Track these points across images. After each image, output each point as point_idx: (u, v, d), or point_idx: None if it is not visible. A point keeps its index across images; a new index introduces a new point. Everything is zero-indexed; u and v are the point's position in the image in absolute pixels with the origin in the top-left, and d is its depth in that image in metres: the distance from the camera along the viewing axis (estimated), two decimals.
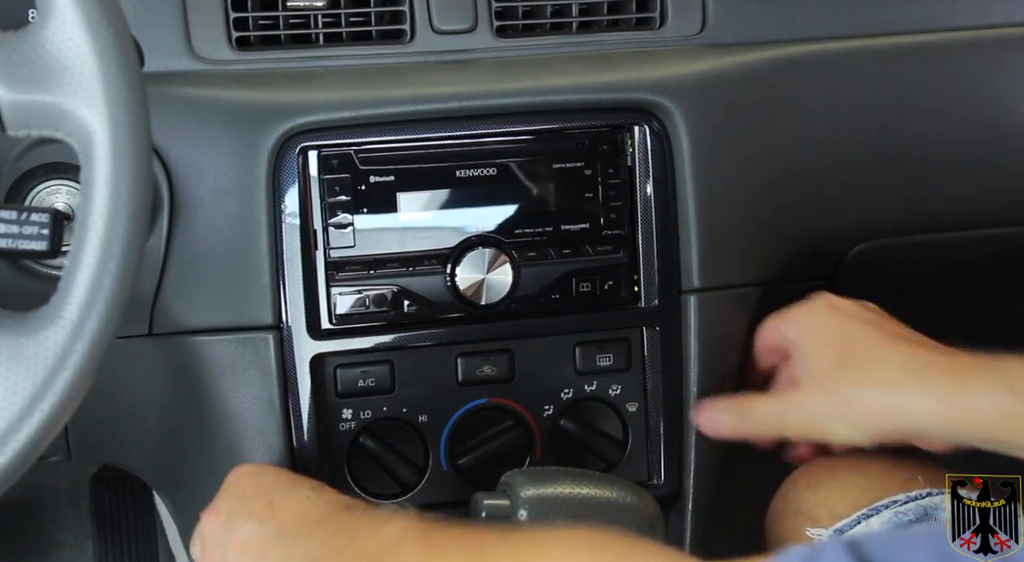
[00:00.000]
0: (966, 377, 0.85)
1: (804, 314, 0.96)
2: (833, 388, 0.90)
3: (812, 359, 0.93)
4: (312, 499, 0.80)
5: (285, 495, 0.81)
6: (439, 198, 0.97)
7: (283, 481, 0.84)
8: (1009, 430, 0.83)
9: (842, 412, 0.89)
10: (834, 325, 0.94)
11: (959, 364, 0.86)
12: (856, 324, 0.93)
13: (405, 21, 1.00)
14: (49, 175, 0.88)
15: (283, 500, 0.80)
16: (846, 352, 0.91)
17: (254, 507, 0.80)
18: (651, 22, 1.05)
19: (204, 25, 0.96)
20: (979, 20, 1.10)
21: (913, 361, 0.88)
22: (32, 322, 0.65)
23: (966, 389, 0.84)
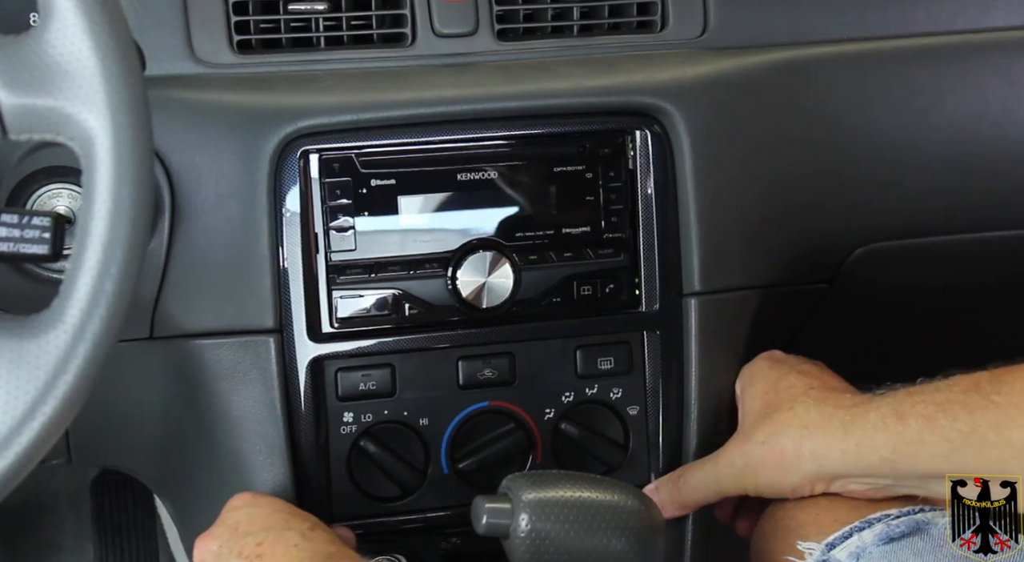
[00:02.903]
0: (863, 413, 0.87)
1: (748, 369, 1.00)
2: (757, 437, 0.92)
3: (745, 411, 0.96)
4: (300, 548, 0.80)
5: (275, 538, 0.81)
6: (440, 201, 0.97)
7: (276, 520, 0.84)
8: (903, 456, 0.85)
9: (765, 460, 0.91)
10: (767, 377, 0.97)
11: (859, 403, 0.89)
12: (787, 375, 0.96)
13: (406, 24, 1.00)
14: (51, 179, 0.88)
15: (272, 544, 0.81)
16: (771, 402, 0.94)
17: (244, 546, 0.81)
18: (652, 25, 1.05)
19: (205, 28, 0.96)
20: (980, 23, 1.10)
21: (824, 403, 0.90)
22: (34, 326, 0.65)
23: (861, 423, 0.87)
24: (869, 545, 0.86)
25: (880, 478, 0.88)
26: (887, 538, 0.86)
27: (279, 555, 0.79)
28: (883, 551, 0.85)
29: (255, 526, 0.83)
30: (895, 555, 0.85)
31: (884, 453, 0.85)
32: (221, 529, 0.84)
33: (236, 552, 0.81)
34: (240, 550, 0.81)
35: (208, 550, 0.83)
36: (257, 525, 0.83)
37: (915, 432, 0.83)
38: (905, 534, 0.86)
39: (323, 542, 0.81)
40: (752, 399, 0.96)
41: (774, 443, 0.90)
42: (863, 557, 0.86)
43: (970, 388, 0.83)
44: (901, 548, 0.85)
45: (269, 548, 0.80)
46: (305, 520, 0.84)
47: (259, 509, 0.85)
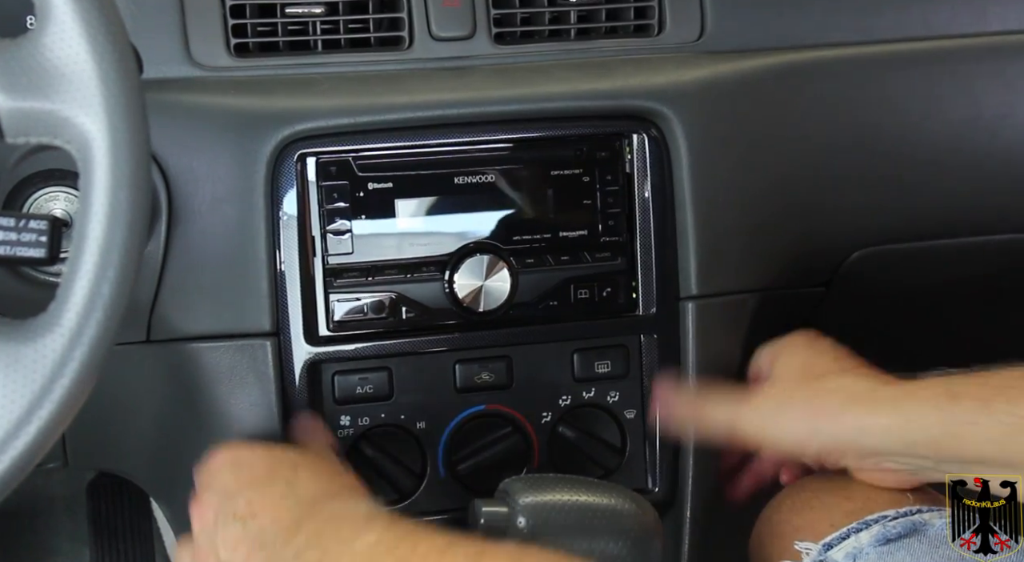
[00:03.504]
0: (913, 390, 0.86)
1: (782, 343, 0.98)
2: (792, 396, 0.91)
3: (780, 374, 0.95)
4: (285, 497, 0.81)
5: (262, 493, 0.81)
6: (437, 205, 0.97)
7: (260, 473, 0.84)
8: (952, 437, 0.83)
9: (799, 420, 0.90)
10: (804, 351, 0.96)
11: (909, 385, 0.87)
12: (825, 352, 0.95)
13: (403, 28, 1.00)
14: (47, 182, 0.88)
15: (260, 499, 0.81)
16: (811, 370, 0.93)
17: (236, 506, 0.81)
18: (649, 29, 1.05)
19: (203, 32, 0.96)
20: (977, 28, 1.10)
21: (871, 378, 0.89)
22: (30, 329, 0.65)
23: (912, 399, 0.85)
24: (866, 546, 0.86)
25: (921, 459, 0.86)
26: (884, 539, 0.86)
27: (269, 511, 0.80)
28: (880, 552, 0.85)
29: (242, 485, 0.83)
30: (892, 556, 0.85)
31: (933, 433, 0.83)
32: (211, 495, 0.84)
33: (231, 514, 0.81)
34: (234, 512, 0.81)
35: (206, 519, 0.83)
36: (244, 483, 0.83)
37: (969, 414, 0.82)
38: (902, 535, 0.86)
39: (307, 483, 0.82)
40: (786, 367, 0.94)
41: (816, 406, 0.89)
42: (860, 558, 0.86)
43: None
44: (898, 549, 0.85)
45: (259, 506, 0.80)
46: (285, 463, 0.84)
47: (241, 467, 0.85)
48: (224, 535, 0.81)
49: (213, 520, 0.82)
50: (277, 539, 0.78)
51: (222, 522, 0.82)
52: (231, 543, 0.80)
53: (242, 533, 0.80)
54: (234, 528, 0.81)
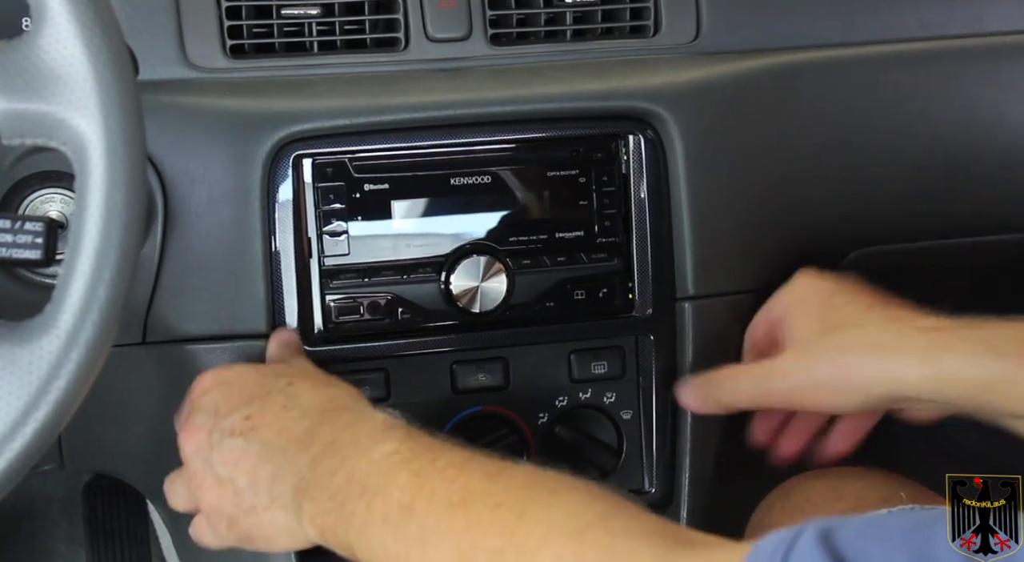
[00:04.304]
0: (950, 341, 0.82)
1: (788, 292, 0.94)
2: (818, 354, 0.87)
3: (797, 329, 0.90)
4: (288, 408, 0.80)
5: (261, 407, 0.80)
6: (433, 206, 0.97)
7: (252, 389, 0.82)
8: (994, 394, 0.81)
9: (828, 378, 0.86)
10: (818, 296, 0.91)
11: (941, 328, 0.84)
12: (839, 294, 0.90)
13: (399, 29, 1.00)
14: (43, 184, 0.88)
15: (260, 413, 0.80)
16: (830, 319, 0.88)
17: (233, 423, 0.80)
18: (645, 30, 1.05)
19: (198, 33, 0.96)
20: (974, 28, 1.10)
21: (897, 325, 0.85)
22: (26, 331, 0.65)
23: (951, 352, 0.82)
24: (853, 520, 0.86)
25: (956, 404, 0.83)
26: None
27: (273, 424, 0.79)
28: None
29: (236, 402, 0.81)
30: None
31: (975, 390, 0.81)
32: (201, 417, 0.82)
33: (227, 431, 0.80)
34: (231, 428, 0.80)
35: (198, 441, 0.81)
36: (237, 400, 0.82)
37: (1014, 372, 0.80)
38: None
39: (309, 394, 0.81)
40: (804, 317, 0.90)
41: (843, 363, 0.85)
42: None
43: None
44: None
45: (260, 419, 0.79)
46: (279, 376, 0.83)
47: (231, 385, 0.83)
48: (221, 454, 0.80)
49: (207, 441, 0.81)
50: (288, 449, 0.77)
51: (217, 441, 0.80)
52: (231, 460, 0.79)
53: (243, 448, 0.79)
54: (233, 444, 0.79)
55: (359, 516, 0.71)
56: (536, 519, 0.64)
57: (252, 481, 0.78)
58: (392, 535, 0.69)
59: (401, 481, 0.70)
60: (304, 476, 0.75)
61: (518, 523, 0.64)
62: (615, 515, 0.63)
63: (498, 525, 0.65)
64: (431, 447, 0.73)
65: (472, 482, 0.68)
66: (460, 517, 0.66)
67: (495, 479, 0.68)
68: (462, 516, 0.66)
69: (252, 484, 0.78)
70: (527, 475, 0.69)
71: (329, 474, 0.74)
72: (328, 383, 0.83)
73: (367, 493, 0.71)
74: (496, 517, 0.65)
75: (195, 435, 0.82)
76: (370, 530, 0.70)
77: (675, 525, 0.63)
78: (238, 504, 0.79)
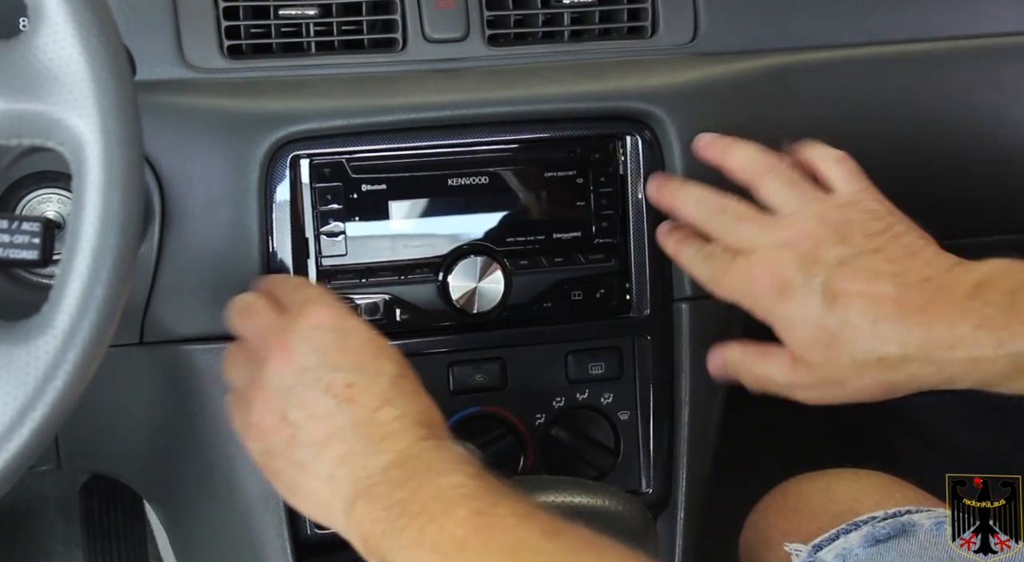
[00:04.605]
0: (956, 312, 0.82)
1: (761, 305, 0.90)
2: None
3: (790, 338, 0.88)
4: (391, 403, 0.77)
5: (368, 383, 0.77)
6: (431, 206, 0.97)
7: (366, 356, 0.79)
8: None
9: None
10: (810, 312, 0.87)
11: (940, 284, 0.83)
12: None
13: (397, 30, 1.00)
14: (40, 184, 0.88)
15: (364, 389, 0.77)
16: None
17: (334, 381, 0.77)
18: (643, 31, 1.05)
19: (196, 33, 0.96)
20: (969, 29, 1.11)
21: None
22: (23, 331, 0.65)
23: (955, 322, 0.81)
24: (855, 547, 0.86)
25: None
26: (873, 540, 0.86)
27: (369, 407, 0.76)
28: (869, 553, 0.85)
29: (346, 360, 0.78)
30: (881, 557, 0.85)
31: (1000, 364, 0.80)
32: (305, 348, 0.78)
33: (325, 386, 0.77)
34: (329, 385, 0.77)
35: (290, 369, 0.78)
36: (349, 359, 0.78)
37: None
38: (891, 536, 0.86)
39: (412, 397, 0.78)
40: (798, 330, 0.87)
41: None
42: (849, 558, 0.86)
43: None
44: (887, 550, 0.85)
45: (359, 394, 0.77)
46: (392, 361, 0.80)
47: (349, 337, 0.80)
48: (306, 399, 0.77)
49: (299, 377, 0.78)
50: (372, 443, 0.75)
51: (310, 385, 0.77)
52: (309, 412, 0.77)
53: (330, 412, 0.76)
54: (322, 401, 0.77)
55: (409, 536, 0.70)
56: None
57: (318, 449, 0.76)
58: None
59: (460, 515, 0.69)
60: (372, 475, 0.74)
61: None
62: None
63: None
64: (497, 490, 0.72)
65: (529, 536, 0.67)
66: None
67: (550, 537, 0.67)
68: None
69: (316, 449, 0.76)
70: (581, 539, 0.68)
71: (395, 485, 0.73)
72: (423, 390, 0.81)
73: (423, 516, 0.70)
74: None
75: (291, 361, 0.78)
76: (417, 553, 0.69)
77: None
78: (289, 448, 0.77)
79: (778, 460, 1.07)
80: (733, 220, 0.89)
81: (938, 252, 0.85)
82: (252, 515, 0.95)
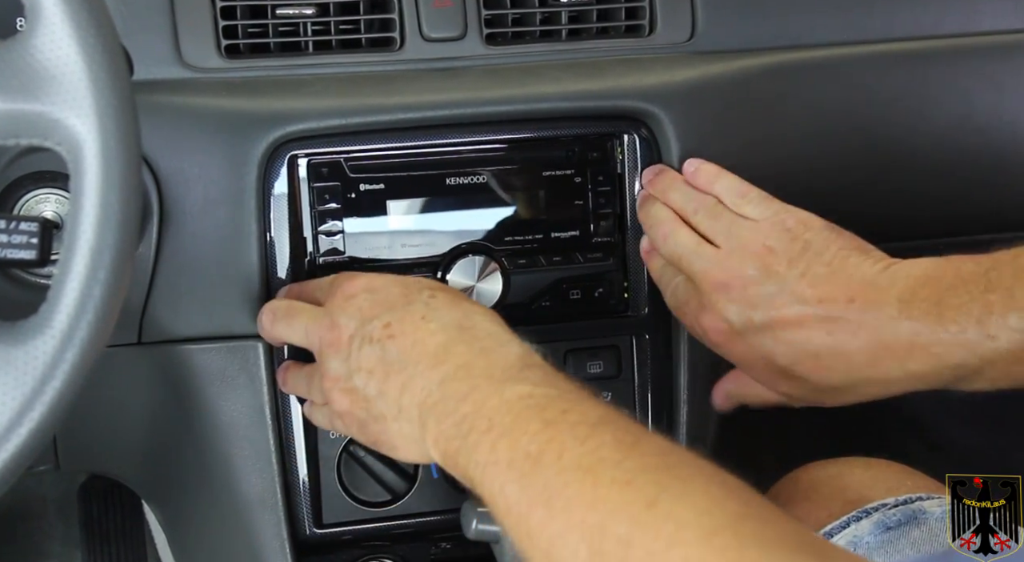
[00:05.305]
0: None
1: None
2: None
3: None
4: (427, 319, 0.79)
5: (401, 316, 0.80)
6: (429, 206, 0.97)
7: (396, 298, 0.82)
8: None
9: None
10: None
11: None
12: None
13: (395, 29, 1.00)
14: (38, 184, 0.88)
15: (400, 323, 0.79)
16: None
17: (373, 330, 0.80)
18: (640, 30, 1.05)
19: (193, 33, 0.96)
20: (967, 28, 1.11)
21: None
22: (21, 332, 0.65)
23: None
24: (866, 534, 0.86)
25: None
26: (884, 527, 0.86)
27: (409, 333, 0.78)
28: (880, 540, 0.85)
29: (379, 309, 0.81)
30: (891, 544, 0.85)
31: (945, 375, 0.82)
32: (345, 318, 0.82)
33: (368, 338, 0.79)
34: (370, 335, 0.79)
35: (341, 345, 0.81)
36: (380, 307, 0.81)
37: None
38: (902, 523, 0.86)
39: (448, 308, 0.80)
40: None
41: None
42: (860, 546, 0.86)
43: None
44: (897, 537, 0.85)
45: (398, 327, 0.79)
46: (422, 288, 0.82)
47: (376, 293, 0.83)
48: (359, 361, 0.80)
49: (348, 345, 0.81)
50: (420, 362, 0.76)
51: (357, 347, 0.80)
52: (366, 367, 0.79)
53: (379, 356, 0.78)
54: (370, 352, 0.79)
55: (483, 453, 0.69)
56: (667, 514, 0.61)
57: (382, 391, 0.78)
58: (516, 483, 0.67)
59: (531, 429, 0.68)
60: (431, 393, 0.75)
61: (647, 513, 0.61)
62: (747, 517, 0.60)
63: (627, 509, 0.62)
64: (566, 396, 0.71)
65: (603, 449, 0.66)
66: (588, 486, 0.64)
67: (628, 450, 0.65)
68: (591, 486, 0.64)
69: (381, 394, 0.78)
70: (660, 452, 0.66)
71: (457, 398, 0.73)
72: (465, 299, 0.83)
73: (494, 431, 0.69)
74: (626, 498, 0.63)
75: (339, 339, 0.81)
76: (493, 471, 0.69)
77: (808, 533, 0.61)
78: (368, 410, 0.80)
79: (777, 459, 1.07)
80: (708, 218, 0.93)
81: (860, 260, 0.88)
82: (251, 515, 0.95)
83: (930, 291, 0.83)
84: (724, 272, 0.90)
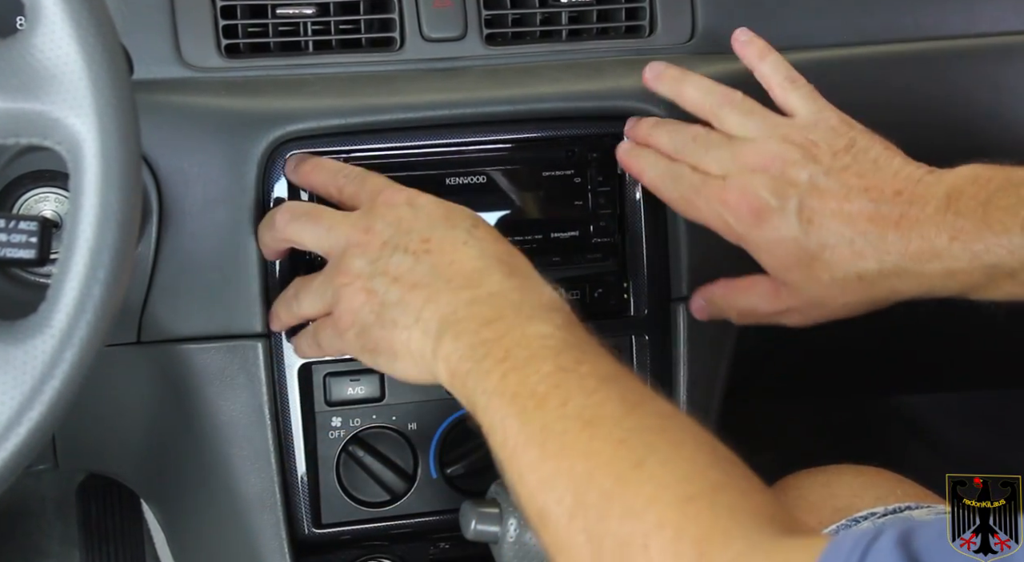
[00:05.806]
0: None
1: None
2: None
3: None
4: (468, 245, 0.79)
5: (442, 235, 0.79)
6: None
7: (439, 216, 0.81)
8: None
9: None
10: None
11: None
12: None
13: (395, 29, 1.00)
14: (37, 183, 0.88)
15: (440, 240, 0.79)
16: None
17: (410, 240, 0.79)
18: (641, 30, 1.05)
19: (193, 32, 0.96)
20: (968, 29, 1.11)
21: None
22: (20, 331, 0.65)
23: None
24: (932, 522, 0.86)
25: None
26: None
27: (448, 252, 0.78)
28: None
29: (419, 223, 0.80)
30: None
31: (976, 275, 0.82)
32: (381, 224, 0.81)
33: (401, 247, 0.79)
34: (405, 245, 0.79)
35: (371, 247, 0.80)
36: (421, 222, 0.81)
37: None
38: None
39: (491, 240, 0.80)
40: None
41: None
42: None
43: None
44: None
45: (436, 245, 0.79)
46: (466, 217, 0.82)
47: (419, 209, 0.82)
48: (387, 266, 0.79)
49: (379, 249, 0.80)
50: (453, 279, 0.76)
51: (388, 254, 0.79)
52: (392, 274, 0.78)
53: (410, 266, 0.78)
54: (401, 260, 0.78)
55: (493, 381, 0.70)
56: (650, 475, 0.62)
57: (403, 299, 0.77)
58: (516, 417, 0.68)
59: (544, 369, 0.69)
60: (457, 310, 0.75)
61: (633, 472, 0.62)
62: (726, 487, 0.62)
63: (616, 465, 0.63)
64: (582, 344, 0.71)
65: (607, 404, 0.67)
66: (585, 438, 0.65)
67: (630, 410, 0.66)
68: (587, 438, 0.65)
69: (402, 301, 0.77)
70: (660, 415, 0.67)
71: (481, 322, 0.73)
72: (505, 240, 0.82)
73: (507, 362, 0.70)
74: (617, 454, 0.64)
75: (370, 241, 0.80)
76: (498, 401, 0.69)
77: (783, 510, 0.62)
78: (380, 315, 0.79)
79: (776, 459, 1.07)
80: (702, 147, 0.91)
81: (905, 162, 0.88)
82: (249, 515, 0.95)
83: (978, 189, 0.83)
84: (761, 155, 0.87)
